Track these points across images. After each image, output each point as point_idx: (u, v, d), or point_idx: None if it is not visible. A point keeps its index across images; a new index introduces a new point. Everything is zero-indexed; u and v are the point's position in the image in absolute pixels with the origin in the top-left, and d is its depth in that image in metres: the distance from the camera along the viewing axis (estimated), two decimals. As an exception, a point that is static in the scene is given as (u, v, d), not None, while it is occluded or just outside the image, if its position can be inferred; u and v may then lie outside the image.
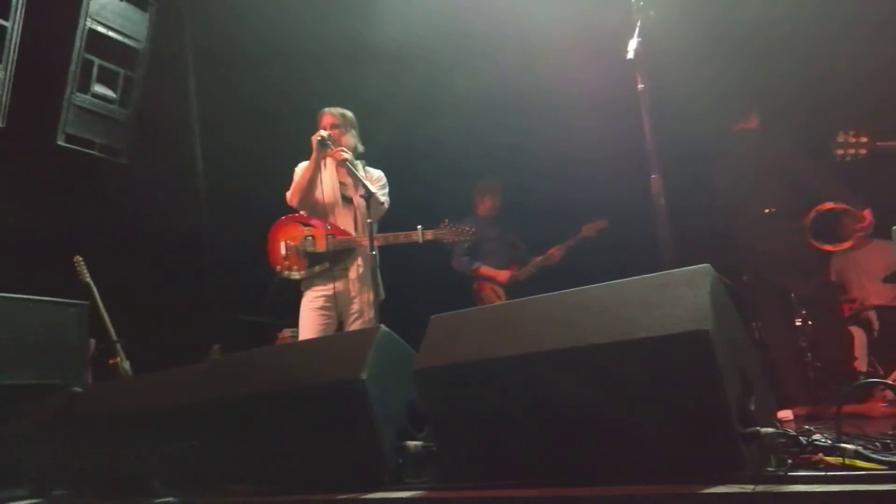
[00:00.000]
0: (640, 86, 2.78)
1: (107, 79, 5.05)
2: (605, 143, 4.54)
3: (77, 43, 4.76)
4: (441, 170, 5.27)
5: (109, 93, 5.09)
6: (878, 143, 3.28)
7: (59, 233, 4.72)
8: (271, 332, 4.91)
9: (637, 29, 2.85)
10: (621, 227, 4.76)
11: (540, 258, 4.90)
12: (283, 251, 3.65)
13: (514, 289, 4.77)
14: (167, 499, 2.54)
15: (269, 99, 5.26)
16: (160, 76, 5.31)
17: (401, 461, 2.12)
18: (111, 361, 4.60)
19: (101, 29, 4.87)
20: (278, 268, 3.67)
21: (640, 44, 2.80)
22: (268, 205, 4.02)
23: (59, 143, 4.86)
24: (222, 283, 5.43)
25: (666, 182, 2.68)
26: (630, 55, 2.79)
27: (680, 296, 1.66)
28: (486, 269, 4.82)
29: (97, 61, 4.92)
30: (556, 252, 4.89)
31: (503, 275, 4.80)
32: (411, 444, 2.15)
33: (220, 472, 2.50)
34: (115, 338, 4.61)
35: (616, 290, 1.82)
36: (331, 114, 3.78)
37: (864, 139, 3.31)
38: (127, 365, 4.62)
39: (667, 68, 3.23)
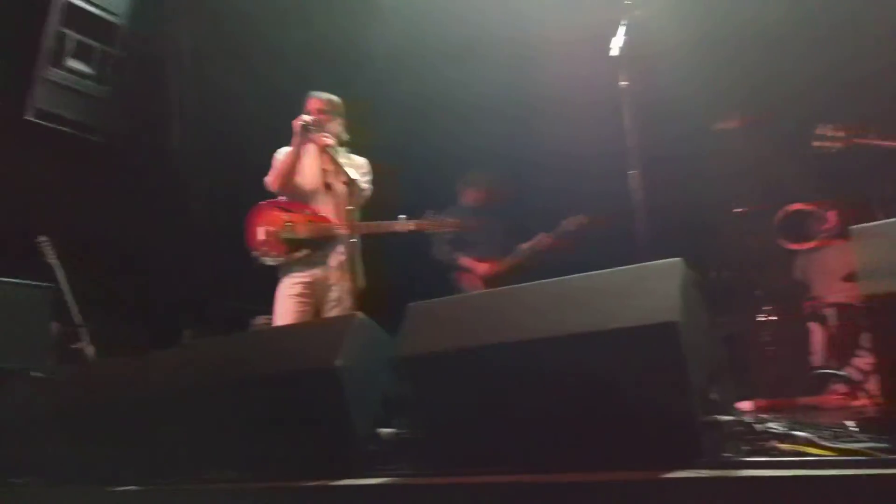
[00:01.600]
0: (623, 83, 2.84)
1: (83, 54, 4.93)
2: (589, 139, 4.60)
3: (52, 15, 4.63)
4: (426, 162, 5.29)
5: (85, 68, 4.97)
6: (855, 140, 3.39)
7: (25, 211, 4.59)
8: (246, 319, 4.89)
9: (622, 27, 2.91)
10: (601, 222, 4.82)
11: (527, 244, 4.91)
12: (261, 236, 3.64)
13: (495, 280, 4.81)
14: (130, 486, 2.52)
15: (253, 83, 5.20)
16: (141, 53, 5.21)
17: (374, 449, 2.16)
18: (75, 346, 4.47)
19: (78, 1, 4.72)
20: (256, 253, 3.66)
21: (624, 42, 2.86)
22: (247, 189, 4.01)
23: (28, 118, 4.72)
24: (196, 268, 5.39)
25: (645, 178, 2.74)
26: (614, 52, 2.84)
27: (652, 288, 1.72)
28: (467, 260, 4.86)
29: (73, 35, 4.80)
30: (544, 238, 4.88)
31: (484, 266, 4.84)
32: (385, 431, 2.18)
33: (189, 459, 2.50)
34: (79, 322, 4.50)
35: (592, 281, 1.88)
36: (318, 99, 3.74)
37: (841, 133, 3.41)
38: (92, 350, 4.52)
39: (650, 66, 3.30)
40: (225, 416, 2.41)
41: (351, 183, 3.39)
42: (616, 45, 2.85)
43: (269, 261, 3.64)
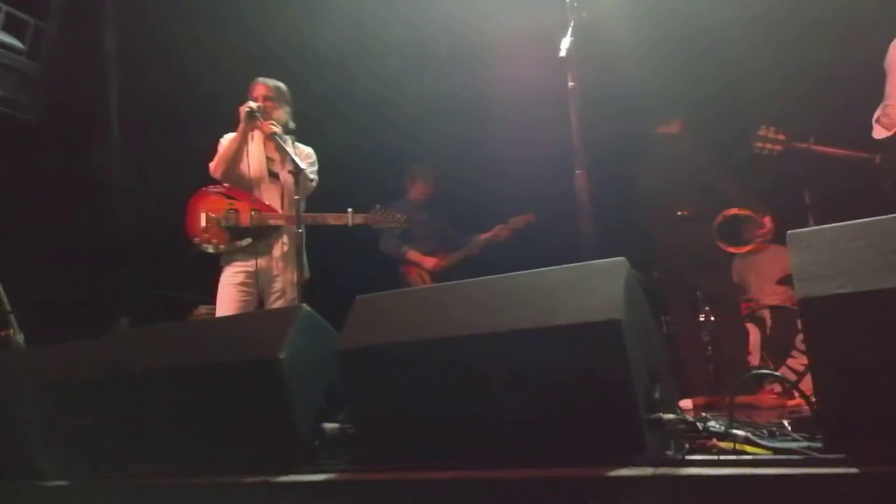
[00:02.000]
0: (570, 84, 2.85)
1: (14, 27, 4.71)
2: (536, 138, 4.64)
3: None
4: (376, 156, 5.25)
5: (16, 42, 4.75)
6: (794, 144, 3.51)
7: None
8: (186, 308, 4.76)
9: (570, 28, 2.93)
10: (547, 220, 4.88)
11: (484, 236, 4.91)
12: (203, 223, 3.54)
13: (441, 274, 4.81)
14: (59, 482, 2.41)
15: (195, 63, 5.03)
16: (76, 29, 4.99)
17: (316, 443, 2.12)
18: (2, 333, 4.30)
19: (9, -29, 4.54)
20: (196, 240, 3.54)
21: (572, 43, 2.88)
22: (188, 174, 3.88)
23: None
24: (133, 254, 5.20)
25: (590, 178, 2.77)
26: (562, 53, 2.85)
27: (596, 286, 1.74)
28: (414, 254, 4.84)
29: (3, 7, 4.58)
30: (500, 230, 4.88)
31: (431, 261, 4.83)
32: (328, 425, 2.14)
33: (122, 452, 2.39)
34: (8, 308, 4.31)
35: (538, 278, 1.88)
36: (264, 84, 3.65)
37: (781, 137, 3.54)
38: (21, 338, 4.33)
39: (598, 68, 3.33)
40: (161, 408, 2.33)
41: (297, 172, 3.32)
42: (564, 46, 2.86)
43: (209, 249, 3.54)
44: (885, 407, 1.48)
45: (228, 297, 3.51)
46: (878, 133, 3.13)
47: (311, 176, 3.60)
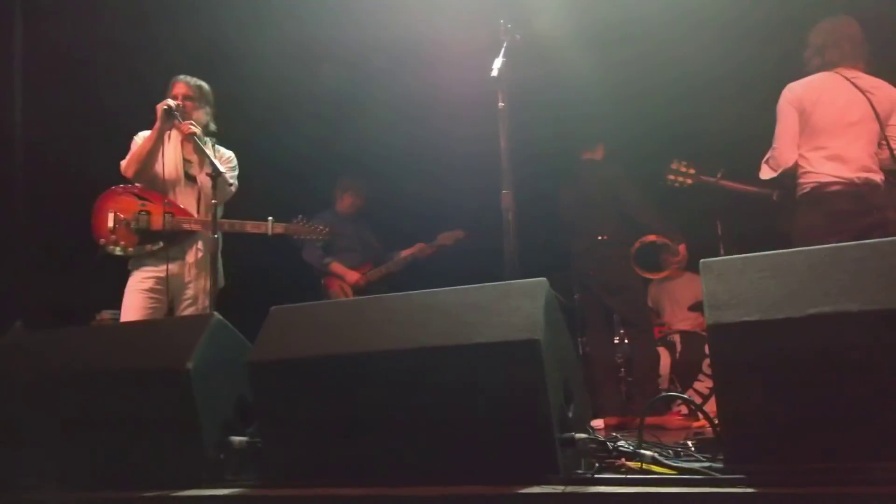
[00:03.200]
0: (501, 104, 2.89)
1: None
2: (466, 156, 4.68)
3: None
4: (302, 164, 5.16)
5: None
6: (702, 178, 3.71)
7: None
8: (88, 313, 4.50)
9: (503, 49, 2.97)
10: (473, 237, 4.91)
11: (407, 252, 4.88)
12: (110, 223, 3.35)
13: (363, 289, 4.76)
14: None
15: (107, 56, 4.78)
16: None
17: (222, 457, 2.03)
18: None
19: None
20: (103, 241, 3.36)
21: (504, 64, 2.92)
22: (96, 172, 3.68)
23: None
24: (31, 254, 4.87)
25: (517, 198, 2.80)
26: (494, 73, 2.89)
27: (517, 306, 1.75)
28: (337, 266, 4.76)
29: None
30: (424, 248, 4.87)
31: (354, 274, 4.76)
32: (236, 439, 2.06)
33: (10, 465, 2.22)
34: None
35: (459, 295, 1.88)
36: (185, 83, 3.51)
37: (691, 171, 3.74)
38: None
39: (529, 90, 3.39)
40: (55, 418, 2.18)
41: (216, 175, 3.19)
42: (496, 66, 2.90)
43: (117, 251, 3.36)
44: (782, 431, 1.55)
45: (135, 304, 3.33)
46: (765, 174, 3.38)
47: (231, 180, 3.48)
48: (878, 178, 3.21)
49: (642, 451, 1.75)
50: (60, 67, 4.74)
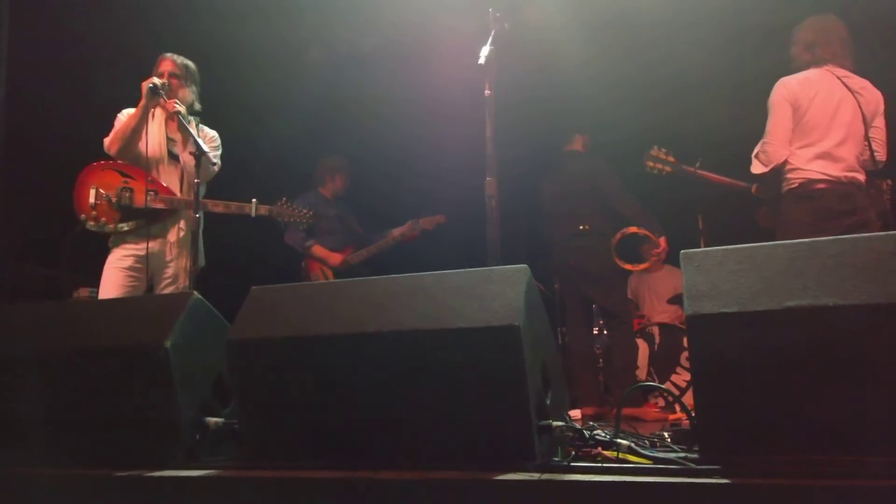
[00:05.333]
0: (487, 92, 2.88)
1: None
2: (452, 142, 4.67)
3: None
4: (287, 147, 5.12)
5: None
6: (682, 166, 3.70)
7: None
8: (66, 289, 4.45)
9: (491, 37, 2.96)
10: (456, 223, 4.92)
11: (398, 231, 4.88)
12: (92, 199, 3.30)
13: (345, 272, 4.74)
14: None
15: (93, 34, 4.70)
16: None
17: (198, 437, 2.02)
18: None
19: None
20: (83, 216, 3.31)
21: (491, 52, 2.91)
22: (78, 147, 3.62)
23: None
24: (7, 227, 4.79)
25: (500, 186, 2.80)
26: (481, 61, 2.88)
27: (498, 291, 1.75)
28: (320, 249, 4.74)
29: None
30: (413, 224, 4.87)
31: (336, 257, 4.75)
32: (212, 420, 2.05)
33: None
34: None
35: (441, 279, 1.87)
36: (172, 61, 3.46)
37: (671, 159, 3.72)
38: None
39: (516, 79, 3.38)
40: (28, 395, 2.15)
41: (199, 155, 3.16)
42: (484, 54, 2.89)
43: (97, 227, 3.31)
44: (758, 423, 1.56)
45: (114, 281, 3.29)
46: (756, 168, 3.36)
47: (214, 160, 3.45)
48: (862, 178, 3.24)
49: (619, 441, 1.76)
50: (45, 41, 4.65)
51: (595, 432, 1.79)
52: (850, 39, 3.31)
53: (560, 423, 1.73)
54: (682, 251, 1.77)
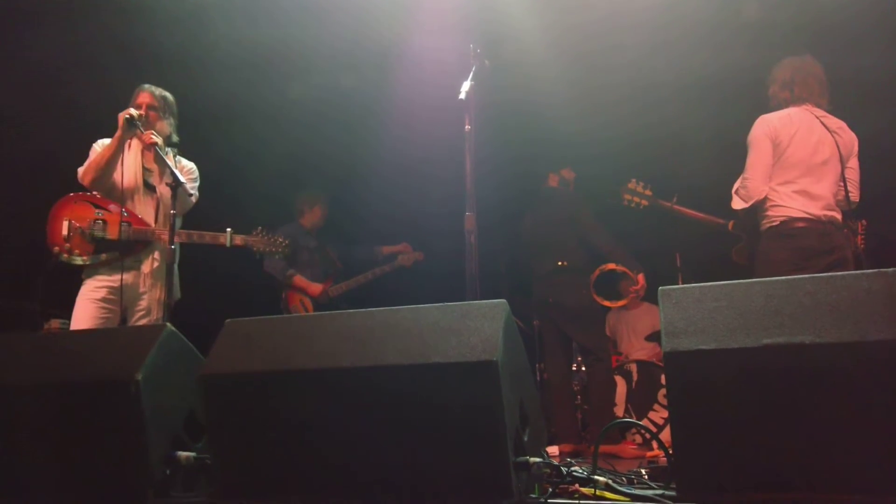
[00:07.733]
0: (467, 127, 2.91)
1: None
2: (431, 176, 4.70)
3: None
4: (267, 178, 5.12)
5: None
6: (658, 201, 3.70)
7: None
8: (38, 321, 4.35)
9: (472, 73, 3.00)
10: (436, 257, 4.92)
11: (384, 250, 4.92)
12: (65, 231, 3.25)
13: (325, 304, 4.71)
14: None
15: (62, 59, 4.66)
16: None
17: (168, 472, 1.97)
18: None
19: None
20: (56, 249, 3.25)
21: (472, 87, 2.94)
22: (52, 178, 3.58)
23: None
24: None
25: (479, 220, 2.81)
26: (462, 96, 2.91)
27: (476, 326, 1.74)
28: (300, 280, 4.71)
29: None
30: (407, 247, 4.92)
31: (317, 288, 4.72)
32: (183, 454, 2.00)
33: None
34: None
35: (419, 314, 1.86)
36: (150, 93, 3.44)
37: (648, 192, 3.72)
38: None
39: (496, 115, 3.42)
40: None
41: (176, 185, 3.13)
42: (464, 89, 2.93)
43: (70, 260, 3.26)
44: (735, 460, 1.56)
45: (86, 313, 3.22)
46: (737, 204, 3.36)
47: (192, 191, 3.42)
48: (839, 217, 3.27)
49: (596, 478, 1.74)
50: (18, 72, 4.62)
51: (572, 469, 1.78)
52: (824, 79, 3.36)
53: (537, 460, 1.71)
54: (660, 288, 1.78)
